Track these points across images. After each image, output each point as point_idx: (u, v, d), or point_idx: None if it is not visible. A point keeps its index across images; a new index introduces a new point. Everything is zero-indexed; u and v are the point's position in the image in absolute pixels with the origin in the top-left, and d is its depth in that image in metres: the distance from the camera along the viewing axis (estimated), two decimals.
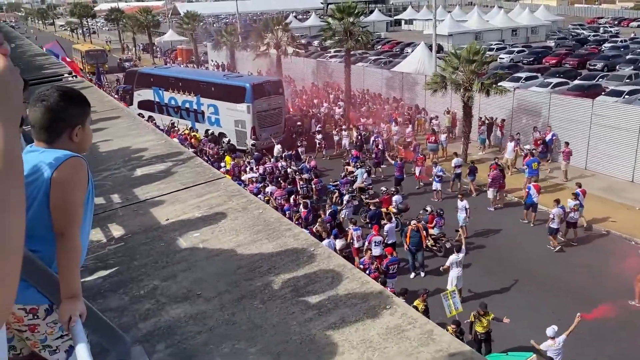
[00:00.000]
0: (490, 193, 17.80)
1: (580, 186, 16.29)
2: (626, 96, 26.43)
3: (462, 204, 15.44)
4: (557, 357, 9.51)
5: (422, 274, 13.24)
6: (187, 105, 26.46)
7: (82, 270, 2.92)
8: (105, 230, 3.58)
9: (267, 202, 15.28)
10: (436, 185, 18.39)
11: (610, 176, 19.64)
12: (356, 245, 13.75)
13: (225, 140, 24.46)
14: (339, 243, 13.20)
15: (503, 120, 23.18)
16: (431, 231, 14.43)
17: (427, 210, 15.23)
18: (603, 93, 27.78)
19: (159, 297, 2.76)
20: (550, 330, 9.54)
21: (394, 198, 16.21)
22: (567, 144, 19.94)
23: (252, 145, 22.90)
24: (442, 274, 12.99)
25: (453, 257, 12.32)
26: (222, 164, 19.90)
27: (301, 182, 17.93)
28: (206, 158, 20.27)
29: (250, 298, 2.66)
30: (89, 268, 3.09)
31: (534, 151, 19.82)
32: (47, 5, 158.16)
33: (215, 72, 38.98)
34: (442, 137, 22.99)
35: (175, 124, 25.85)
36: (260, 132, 23.80)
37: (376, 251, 13.06)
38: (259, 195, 16.11)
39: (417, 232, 13.10)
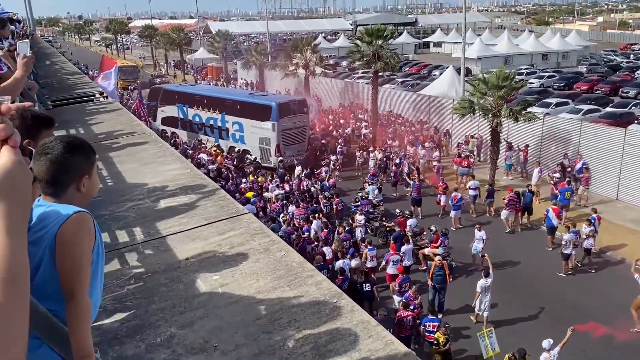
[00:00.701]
0: (503, 214, 17.66)
1: (595, 212, 15.91)
2: None
3: (479, 234, 15.25)
4: None
5: (440, 315, 12.49)
6: (212, 122, 26.79)
7: (100, 312, 2.88)
8: (125, 267, 3.54)
9: (285, 222, 15.33)
10: (454, 213, 18.09)
11: None
12: (369, 265, 14.01)
13: (251, 157, 24.68)
14: (353, 262, 13.85)
15: (527, 145, 22.77)
16: (436, 251, 14.29)
17: (431, 230, 15.22)
18: (636, 121, 27.11)
19: (175, 347, 2.69)
20: (546, 343, 10.02)
21: (409, 222, 16.24)
22: (587, 169, 19.46)
23: (279, 161, 23.04)
24: (466, 303, 12.76)
25: (482, 282, 12.21)
26: (244, 180, 20.08)
27: (324, 201, 18.03)
28: (229, 174, 20.49)
29: (268, 354, 2.56)
30: (107, 309, 3.04)
31: (568, 179, 19.43)
32: (83, 21, 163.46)
33: (240, 90, 39.48)
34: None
35: (203, 142, 26.16)
36: (284, 150, 23.97)
37: (392, 270, 13.55)
38: (281, 215, 16.22)
39: (441, 269, 12.80)
